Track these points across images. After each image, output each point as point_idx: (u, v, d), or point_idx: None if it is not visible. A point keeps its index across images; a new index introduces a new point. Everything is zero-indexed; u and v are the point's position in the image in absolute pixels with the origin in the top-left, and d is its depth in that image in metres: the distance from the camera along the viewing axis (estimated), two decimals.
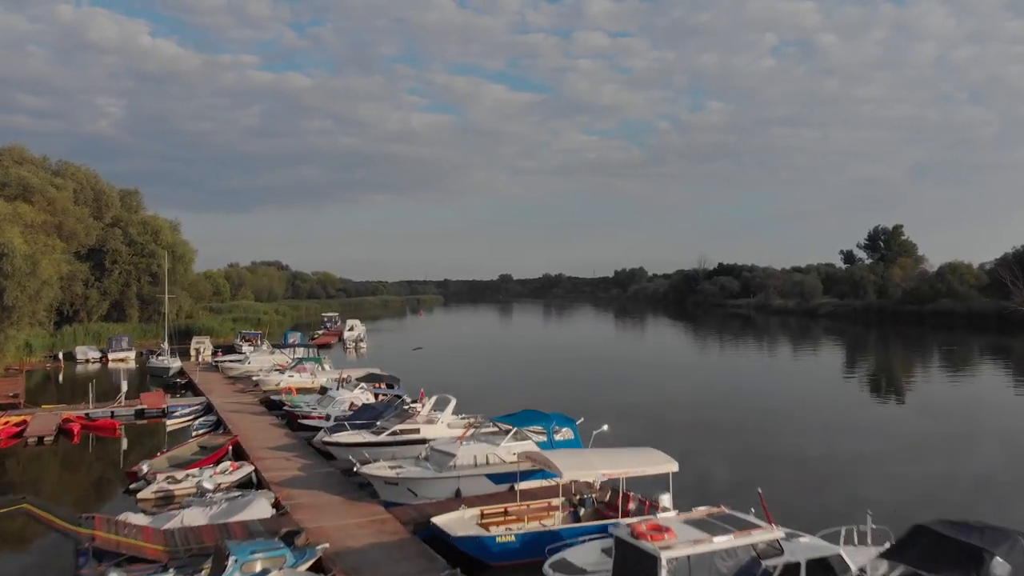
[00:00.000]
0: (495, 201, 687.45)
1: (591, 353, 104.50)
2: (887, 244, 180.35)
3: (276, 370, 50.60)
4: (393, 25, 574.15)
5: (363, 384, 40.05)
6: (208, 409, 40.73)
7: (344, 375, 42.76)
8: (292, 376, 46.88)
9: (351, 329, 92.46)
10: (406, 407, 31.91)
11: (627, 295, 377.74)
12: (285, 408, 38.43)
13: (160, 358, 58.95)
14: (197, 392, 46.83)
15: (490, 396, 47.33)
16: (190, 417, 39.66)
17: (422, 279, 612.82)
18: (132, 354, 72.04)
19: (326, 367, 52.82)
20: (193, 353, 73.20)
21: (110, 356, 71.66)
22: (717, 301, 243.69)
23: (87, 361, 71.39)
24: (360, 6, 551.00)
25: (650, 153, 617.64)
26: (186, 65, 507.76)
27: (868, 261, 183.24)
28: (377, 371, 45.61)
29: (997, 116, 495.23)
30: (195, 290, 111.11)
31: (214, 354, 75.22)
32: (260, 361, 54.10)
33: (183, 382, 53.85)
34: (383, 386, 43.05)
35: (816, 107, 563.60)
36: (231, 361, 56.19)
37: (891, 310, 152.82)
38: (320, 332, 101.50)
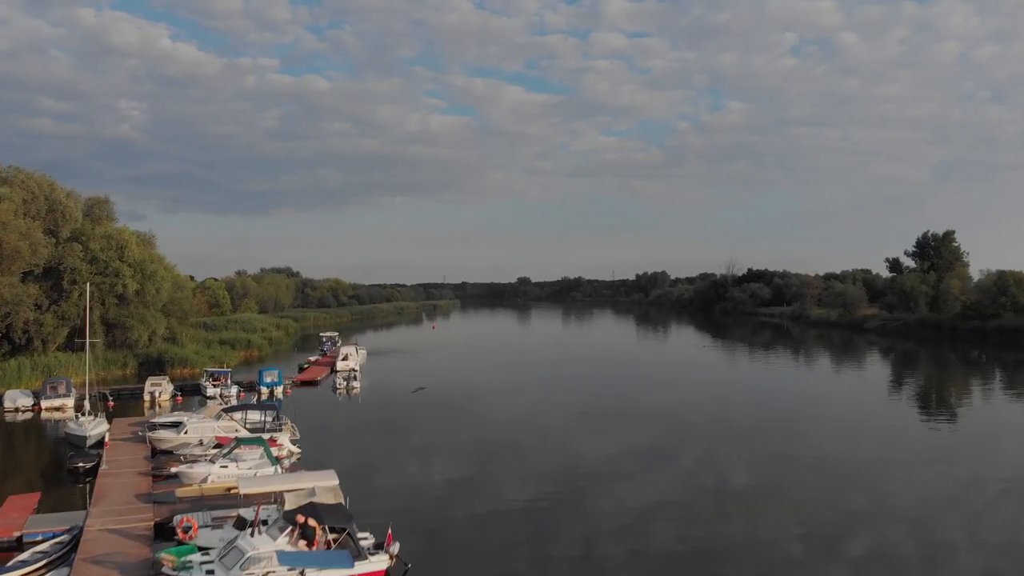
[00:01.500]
0: (513, 202, 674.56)
1: (618, 373, 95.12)
2: (937, 251, 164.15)
3: (214, 447, 36.71)
4: (411, 28, 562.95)
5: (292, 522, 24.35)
6: (70, 546, 26.04)
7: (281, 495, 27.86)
8: (225, 466, 32.88)
9: (345, 359, 78.58)
10: None
11: (649, 300, 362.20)
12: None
13: (79, 421, 44.39)
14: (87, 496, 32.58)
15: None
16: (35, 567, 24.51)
17: (440, 281, 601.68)
18: (71, 400, 58.07)
19: (284, 441, 38.62)
20: (147, 398, 59.40)
21: (43, 404, 57.69)
22: (747, 309, 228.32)
23: (16, 410, 57.49)
24: (378, 9, 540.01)
25: (669, 154, 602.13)
26: (206, 69, 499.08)
27: (913, 269, 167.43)
28: (320, 496, 26.57)
29: (1021, 115, 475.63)
30: (179, 308, 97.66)
31: (174, 397, 61.47)
32: (200, 429, 40.08)
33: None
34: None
35: (837, 107, 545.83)
36: (163, 426, 42.17)
37: (949, 325, 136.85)
38: (310, 361, 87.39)
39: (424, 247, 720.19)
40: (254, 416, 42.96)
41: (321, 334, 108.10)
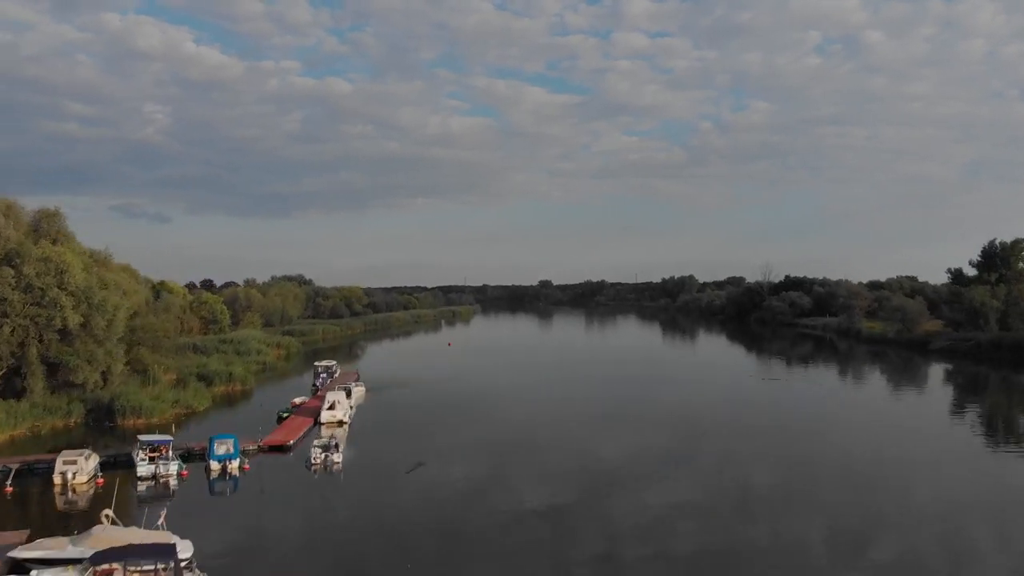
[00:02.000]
0: (535, 203, 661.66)
1: (656, 390, 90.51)
2: (1005, 261, 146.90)
3: None
4: (432, 30, 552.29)
5: None
6: None
7: None
8: None
9: (332, 407, 63.89)
10: None
11: (676, 306, 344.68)
12: None
13: None
14: None
15: None
16: None
17: (460, 283, 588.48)
18: None
19: None
20: (58, 480, 45.14)
21: None
22: (787, 320, 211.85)
23: None
24: (399, 11, 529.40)
25: (692, 154, 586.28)
26: (229, 72, 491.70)
27: (974, 280, 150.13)
28: None
29: None
30: (151, 335, 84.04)
31: (95, 478, 46.57)
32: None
33: None
34: None
35: (863, 105, 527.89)
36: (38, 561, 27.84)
37: None
38: (295, 405, 72.34)
39: (445, 249, 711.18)
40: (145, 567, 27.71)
41: (316, 364, 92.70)
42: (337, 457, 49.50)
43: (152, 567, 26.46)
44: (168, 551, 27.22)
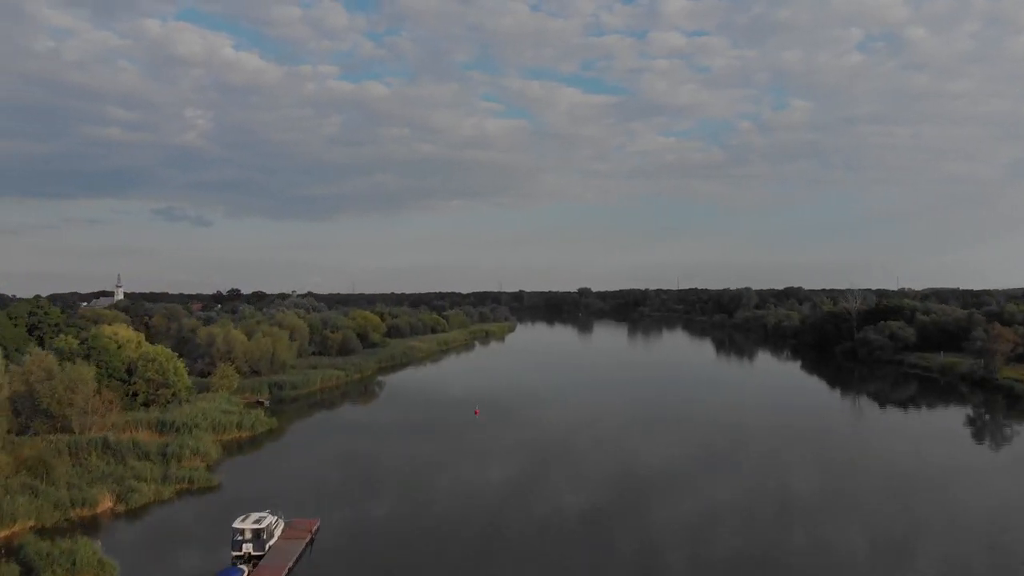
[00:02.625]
0: (569, 205, 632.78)
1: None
2: None
3: None
4: (467, 32, 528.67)
5: None
6: None
7: None
8: None
9: None
10: None
11: (734, 323, 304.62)
12: None
13: None
14: None
15: None
16: None
17: (495, 289, 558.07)
18: None
19: None
20: None
21: None
22: (886, 356, 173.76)
23: None
24: (434, 14, 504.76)
25: (731, 154, 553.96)
26: (268, 77, 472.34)
27: None
28: None
29: None
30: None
31: None
32: None
33: None
34: None
35: (906, 103, 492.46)
36: None
37: None
38: None
39: (479, 251, 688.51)
40: None
41: (235, 525, 53.63)
42: None
43: None
44: None
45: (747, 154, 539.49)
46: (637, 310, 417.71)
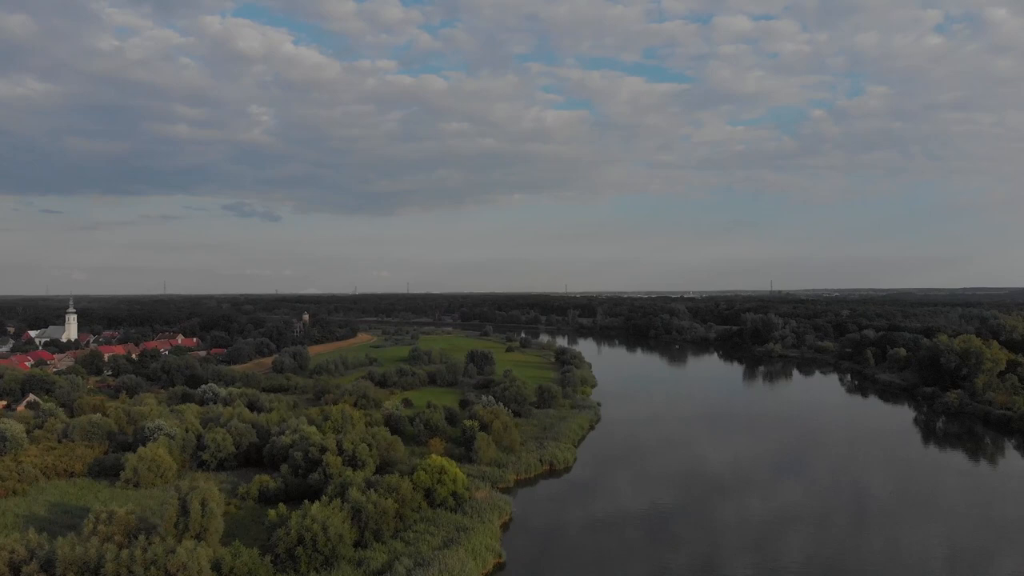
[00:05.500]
0: (634, 197, 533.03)
1: None
2: None
3: None
4: (524, 22, 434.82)
5: None
6: None
7: None
8: None
9: None
10: None
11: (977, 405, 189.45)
12: None
13: None
14: None
15: None
16: None
17: (561, 291, 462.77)
18: None
19: None
20: None
21: None
22: None
23: None
24: (489, 4, 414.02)
25: (803, 143, 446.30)
26: (328, 73, 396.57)
27: None
28: None
29: None
30: None
31: None
32: None
33: None
34: None
35: (990, 88, 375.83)
36: None
37: None
38: None
39: (543, 245, 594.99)
40: None
41: None
42: None
43: None
44: None
45: (820, 143, 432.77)
46: (761, 347, 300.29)
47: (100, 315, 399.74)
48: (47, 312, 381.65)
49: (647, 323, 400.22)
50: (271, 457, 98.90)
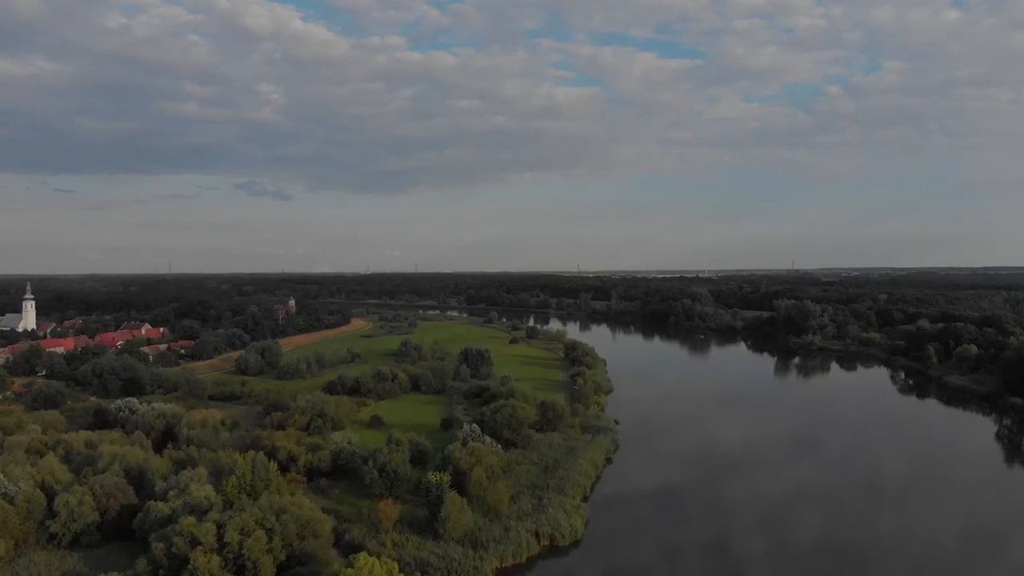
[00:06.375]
0: (646, 175, 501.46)
1: None
2: None
3: None
4: None
5: None
6: None
7: None
8: None
9: None
10: None
11: None
12: None
13: None
14: None
15: None
16: None
17: (573, 271, 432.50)
18: None
19: None
20: None
21: None
22: None
23: None
24: None
25: (819, 120, 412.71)
26: (336, 50, 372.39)
27: None
28: None
29: None
30: None
31: None
32: None
33: None
34: None
35: (1008, 64, 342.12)
36: None
37: None
38: None
39: (555, 224, 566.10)
40: None
41: None
42: None
43: None
44: None
45: (836, 120, 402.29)
46: (798, 339, 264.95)
47: (77, 299, 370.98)
48: (16, 297, 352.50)
49: (666, 308, 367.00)
50: (143, 532, 67.78)
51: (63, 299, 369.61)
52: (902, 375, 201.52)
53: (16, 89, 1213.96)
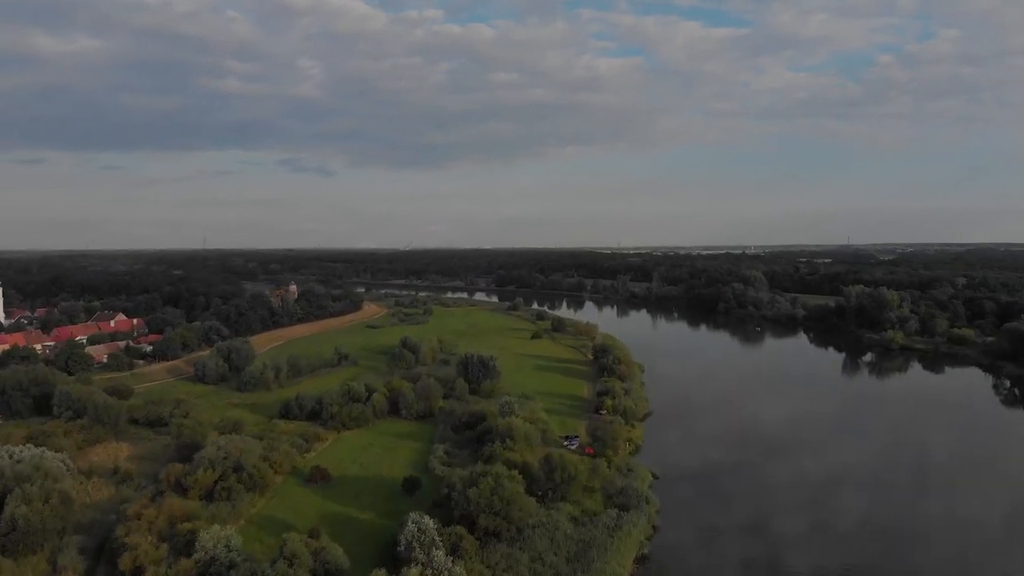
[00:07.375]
0: (691, 148, 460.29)
1: None
2: None
3: None
4: None
5: None
6: None
7: None
8: None
9: None
10: None
11: None
12: None
13: None
14: None
15: None
16: None
17: (613, 246, 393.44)
18: None
19: None
20: None
21: None
22: None
23: None
24: None
25: (869, 89, 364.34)
26: (374, 24, 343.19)
27: None
28: None
29: None
30: None
31: None
32: None
33: None
34: None
35: None
36: None
37: None
38: None
39: (597, 199, 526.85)
40: None
41: None
42: None
43: None
44: None
45: (887, 90, 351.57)
46: (875, 334, 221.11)
47: (74, 283, 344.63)
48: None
49: (714, 293, 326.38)
50: None
51: (57, 282, 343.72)
52: (1007, 383, 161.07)
53: (61, 68, 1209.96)
